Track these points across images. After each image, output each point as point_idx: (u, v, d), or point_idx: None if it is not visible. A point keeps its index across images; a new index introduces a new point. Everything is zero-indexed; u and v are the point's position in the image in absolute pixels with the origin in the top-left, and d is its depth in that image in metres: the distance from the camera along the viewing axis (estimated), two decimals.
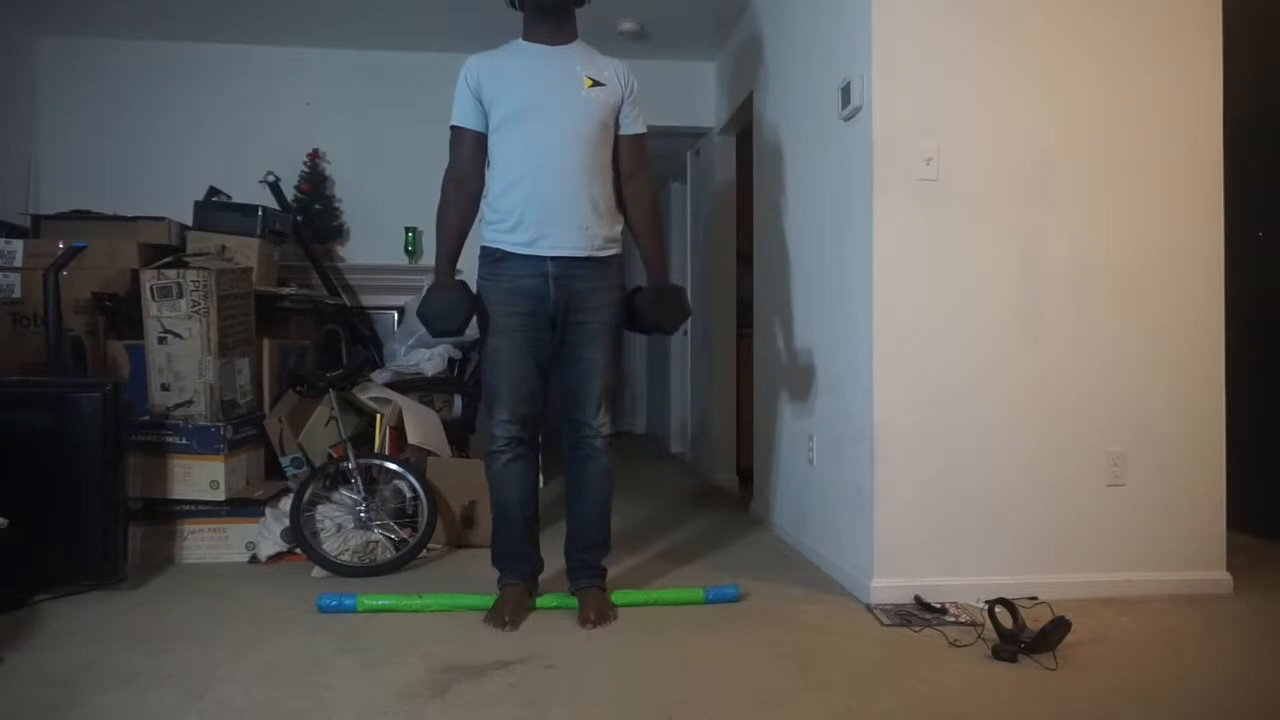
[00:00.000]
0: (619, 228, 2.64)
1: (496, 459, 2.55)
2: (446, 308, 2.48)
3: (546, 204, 2.48)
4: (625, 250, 2.70)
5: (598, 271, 2.56)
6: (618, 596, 2.66)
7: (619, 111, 2.59)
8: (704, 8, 4.38)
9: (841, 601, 2.76)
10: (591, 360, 2.56)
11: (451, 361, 4.11)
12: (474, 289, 2.57)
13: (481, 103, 2.51)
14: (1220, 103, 2.89)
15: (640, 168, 2.66)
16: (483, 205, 2.58)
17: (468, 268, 2.61)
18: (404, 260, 4.85)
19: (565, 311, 2.53)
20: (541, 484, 4.73)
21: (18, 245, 3.51)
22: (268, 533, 3.22)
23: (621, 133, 2.61)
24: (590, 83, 2.51)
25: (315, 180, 4.78)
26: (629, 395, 8.35)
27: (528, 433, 2.57)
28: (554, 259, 2.50)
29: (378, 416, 3.53)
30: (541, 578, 2.70)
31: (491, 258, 2.57)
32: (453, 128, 2.56)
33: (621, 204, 2.65)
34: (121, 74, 4.74)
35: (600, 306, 2.56)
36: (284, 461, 3.40)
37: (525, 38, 2.58)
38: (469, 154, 2.55)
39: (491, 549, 2.65)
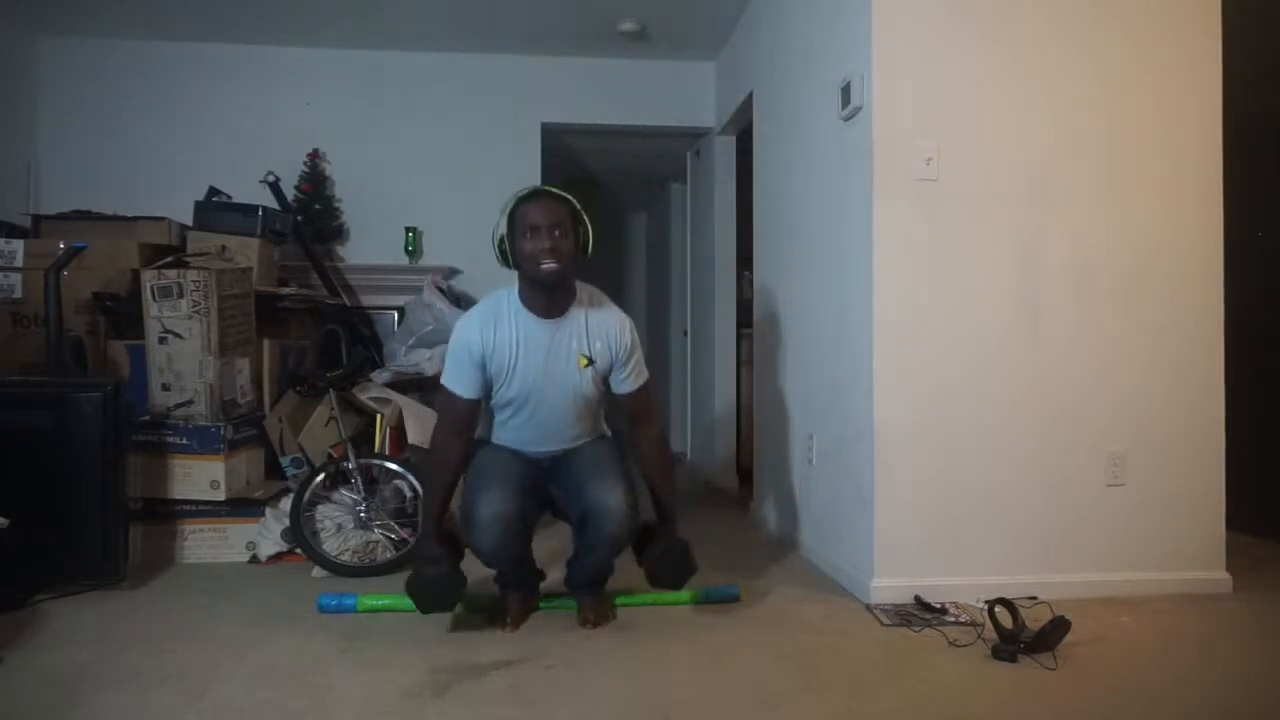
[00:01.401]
0: (605, 429, 2.69)
1: (488, 553, 2.39)
2: (436, 589, 2.39)
3: (540, 442, 2.55)
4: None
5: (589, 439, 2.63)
6: (617, 597, 2.66)
7: (610, 373, 2.53)
8: (704, 8, 4.38)
9: (841, 601, 2.76)
10: (588, 455, 2.53)
11: None
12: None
13: (483, 371, 2.44)
14: (1220, 103, 2.89)
15: (647, 417, 2.62)
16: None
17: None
18: (404, 260, 4.85)
19: (559, 459, 2.57)
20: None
21: (18, 245, 3.51)
22: (268, 533, 3.22)
23: (619, 391, 2.56)
24: (585, 362, 2.46)
25: (315, 180, 4.77)
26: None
27: (520, 512, 2.39)
28: (550, 453, 2.58)
29: (378, 416, 3.53)
30: (541, 583, 2.69)
31: (491, 440, 2.61)
32: (446, 389, 2.47)
33: (626, 436, 2.67)
34: (121, 74, 4.73)
35: (593, 442, 2.60)
36: (284, 461, 3.40)
37: (522, 302, 2.45)
38: (464, 419, 2.48)
39: (495, 578, 2.60)
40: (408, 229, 4.84)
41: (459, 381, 2.45)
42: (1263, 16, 3.57)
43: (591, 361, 2.47)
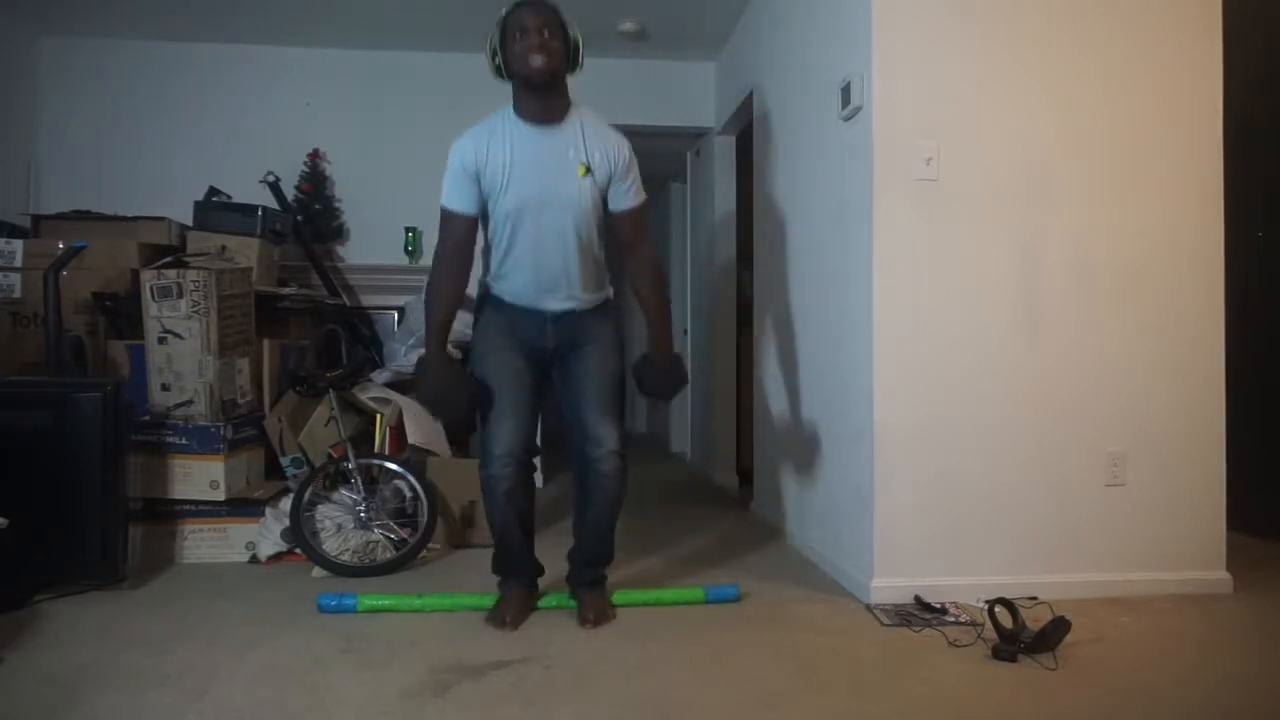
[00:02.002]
0: (609, 288, 2.69)
1: (495, 482, 2.47)
2: (448, 392, 2.47)
3: (541, 285, 2.54)
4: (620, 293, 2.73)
5: (593, 314, 2.62)
6: (618, 596, 2.66)
7: (608, 189, 2.53)
8: (704, 8, 4.38)
9: (841, 601, 2.76)
10: (590, 374, 2.55)
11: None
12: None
13: (479, 184, 2.46)
14: (1220, 103, 2.89)
15: (640, 239, 2.62)
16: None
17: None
18: (404, 260, 4.85)
19: (562, 345, 2.57)
20: (541, 484, 4.73)
21: (18, 245, 3.51)
22: (268, 533, 3.22)
23: (616, 208, 2.55)
24: (583, 170, 2.46)
25: (315, 180, 4.78)
26: (629, 395, 8.34)
27: (525, 453, 2.50)
28: (551, 311, 2.56)
29: (378, 416, 3.54)
30: (541, 580, 2.70)
31: (490, 300, 2.61)
32: (444, 209, 2.49)
33: (618, 268, 2.66)
34: (121, 74, 4.73)
35: (597, 337, 2.59)
36: (284, 461, 3.40)
37: (516, 112, 2.48)
38: (461, 238, 2.49)
39: (492, 561, 2.64)
40: (408, 229, 4.84)
41: (455, 197, 2.48)
42: (1263, 17, 3.57)
43: (590, 171, 2.47)
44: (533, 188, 2.44)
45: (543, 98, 2.46)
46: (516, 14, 2.44)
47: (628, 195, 2.55)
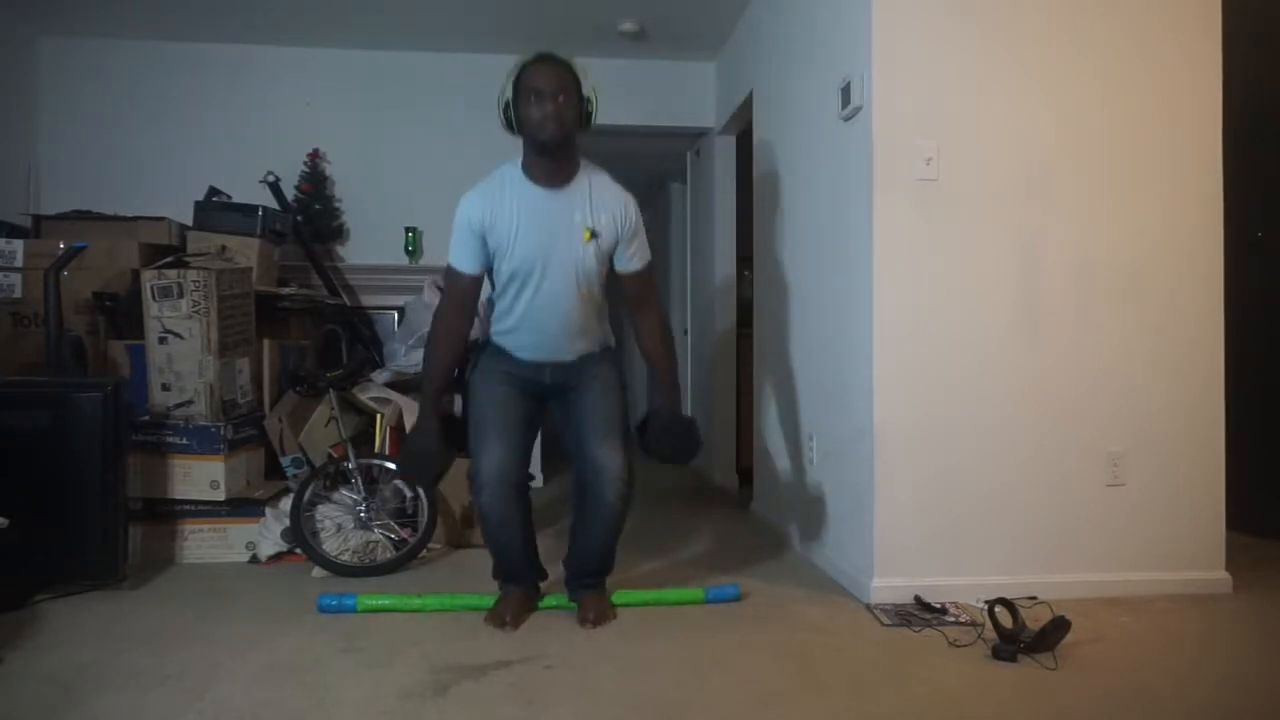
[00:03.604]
0: (611, 338, 2.69)
1: (486, 511, 2.46)
2: (422, 459, 2.48)
3: (542, 342, 2.54)
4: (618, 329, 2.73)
5: (594, 356, 2.62)
6: (618, 596, 2.66)
7: (615, 251, 2.53)
8: (704, 8, 4.38)
9: (841, 601, 2.76)
10: (593, 406, 2.53)
11: None
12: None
13: (485, 244, 2.46)
14: (1220, 103, 2.89)
15: (648, 300, 2.61)
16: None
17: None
18: (404, 260, 4.85)
19: (562, 385, 2.57)
20: (541, 483, 4.73)
21: (18, 245, 3.51)
22: (268, 533, 3.22)
23: (623, 270, 2.55)
24: (589, 235, 2.45)
25: (315, 180, 4.77)
26: (629, 395, 8.34)
27: (516, 477, 2.47)
28: (551, 363, 2.57)
29: (378, 416, 3.53)
30: (542, 582, 2.70)
31: (491, 345, 2.61)
32: (450, 267, 2.50)
33: (623, 321, 2.67)
34: (121, 74, 4.73)
35: (597, 375, 2.59)
36: (284, 461, 3.40)
37: (524, 171, 2.47)
38: (465, 295, 2.50)
39: (492, 568, 2.63)
40: (408, 229, 4.84)
41: (461, 256, 2.48)
42: (1263, 16, 3.57)
43: (595, 235, 2.46)
44: (538, 250, 2.43)
45: (553, 161, 2.44)
46: (530, 72, 2.38)
47: (634, 259, 2.55)
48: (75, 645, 2.35)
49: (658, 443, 2.59)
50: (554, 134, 2.36)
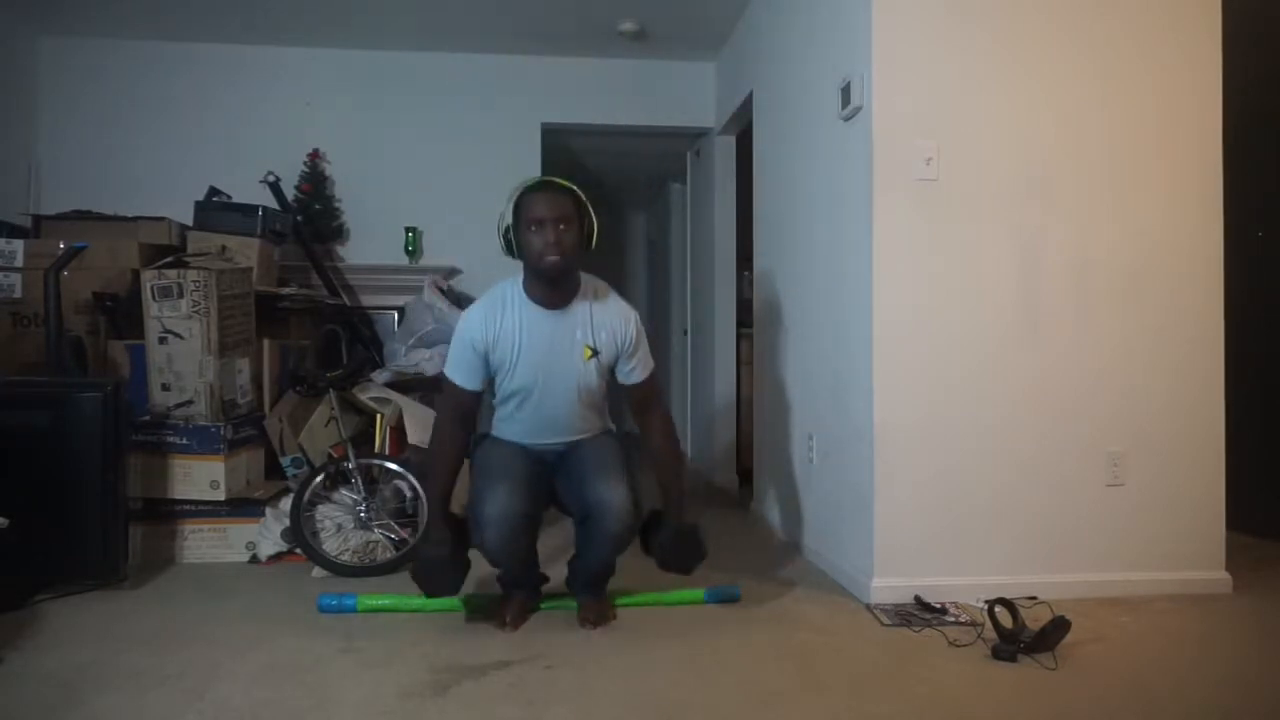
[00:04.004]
0: (610, 423, 2.69)
1: (494, 545, 2.36)
2: (439, 570, 2.44)
3: (542, 439, 2.56)
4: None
5: (594, 437, 2.62)
6: (618, 597, 2.66)
7: (616, 364, 2.53)
8: (704, 8, 4.37)
9: (841, 601, 2.76)
10: (590, 455, 2.51)
11: None
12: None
13: (486, 362, 2.46)
14: (1220, 103, 2.89)
15: (653, 407, 2.61)
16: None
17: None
18: (404, 260, 4.85)
19: (563, 455, 2.57)
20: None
21: (18, 245, 3.51)
22: (268, 533, 3.22)
23: (626, 382, 2.56)
24: (589, 353, 2.47)
25: (315, 180, 4.77)
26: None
27: (526, 505, 2.37)
28: (553, 449, 2.59)
29: (378, 416, 3.53)
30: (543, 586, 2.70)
31: (492, 436, 2.63)
32: (448, 381, 2.49)
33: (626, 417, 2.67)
34: (121, 74, 4.73)
35: (597, 439, 2.59)
36: (284, 461, 3.40)
37: (526, 292, 2.46)
38: (464, 408, 2.50)
39: (497, 575, 2.61)
40: (408, 229, 4.84)
41: (461, 373, 2.47)
42: (1263, 16, 3.57)
43: (596, 353, 2.47)
44: (540, 370, 2.45)
45: (555, 287, 2.43)
46: (530, 200, 2.36)
47: (636, 371, 2.56)
48: (75, 645, 2.35)
49: (663, 550, 2.55)
50: (555, 265, 2.35)
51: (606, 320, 2.50)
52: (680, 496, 2.61)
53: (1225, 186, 2.90)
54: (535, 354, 2.45)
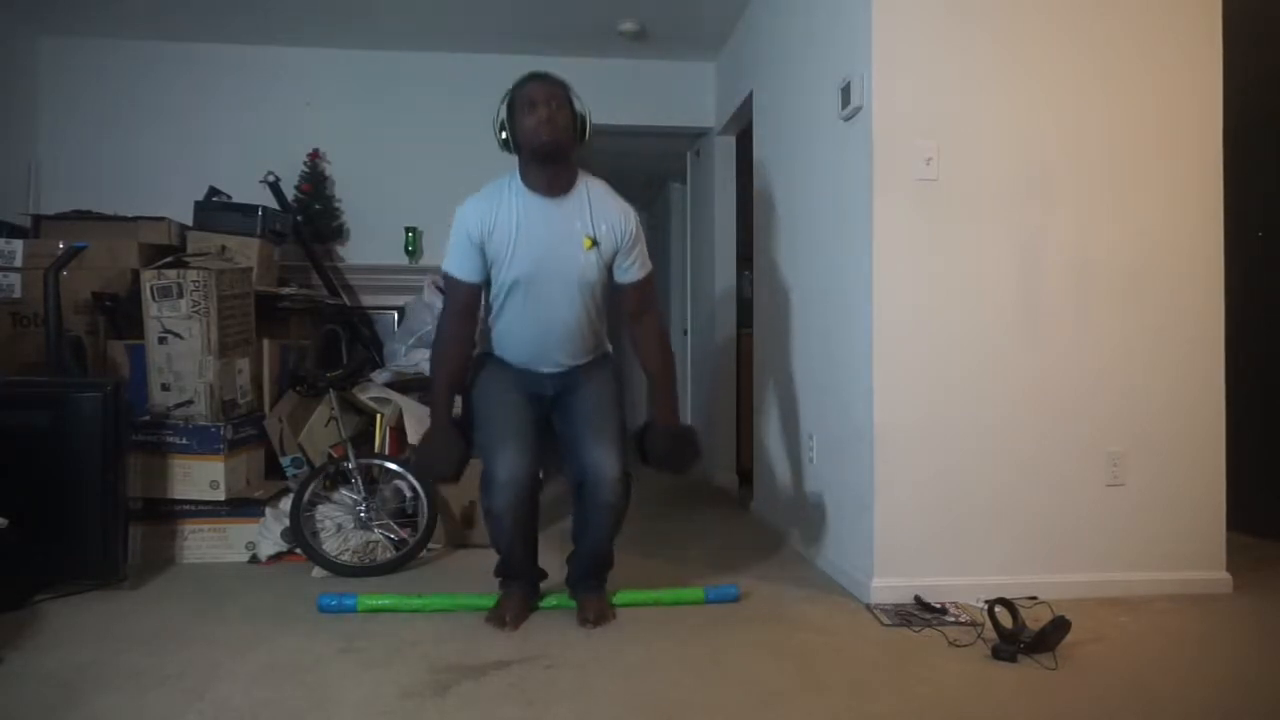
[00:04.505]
0: (607, 345, 2.70)
1: (498, 515, 2.41)
2: (439, 456, 2.46)
3: (541, 353, 2.56)
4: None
5: (591, 364, 2.63)
6: (618, 597, 2.66)
7: (614, 260, 2.53)
8: (704, 8, 4.37)
9: (841, 601, 2.76)
10: (587, 409, 2.52)
11: None
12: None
13: (483, 253, 2.46)
14: (1220, 103, 2.89)
15: (646, 309, 2.62)
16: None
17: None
18: (404, 260, 4.85)
19: (560, 393, 2.58)
20: (541, 475, 4.72)
21: (18, 245, 3.51)
22: (268, 533, 3.22)
23: (621, 281, 2.56)
24: (589, 243, 2.46)
25: (315, 180, 4.77)
26: (629, 396, 8.34)
27: (529, 480, 2.42)
28: (548, 373, 2.58)
29: (378, 416, 3.54)
30: (542, 583, 2.69)
31: (490, 356, 2.62)
32: (448, 276, 2.50)
33: (620, 330, 2.67)
34: (121, 74, 4.73)
35: (593, 378, 2.59)
36: (284, 461, 3.40)
37: (524, 180, 2.47)
38: (465, 303, 2.50)
39: (495, 566, 2.63)
40: (408, 229, 4.84)
41: (459, 265, 2.48)
42: (1263, 16, 3.57)
43: (595, 243, 2.47)
44: (538, 260, 2.44)
45: (550, 170, 2.45)
46: (524, 88, 2.44)
47: (633, 268, 2.56)
48: (75, 645, 2.35)
49: (657, 451, 2.56)
50: (549, 138, 2.38)
51: (605, 214, 2.51)
52: (673, 403, 2.63)
53: (1225, 186, 2.89)
54: (533, 241, 2.43)
